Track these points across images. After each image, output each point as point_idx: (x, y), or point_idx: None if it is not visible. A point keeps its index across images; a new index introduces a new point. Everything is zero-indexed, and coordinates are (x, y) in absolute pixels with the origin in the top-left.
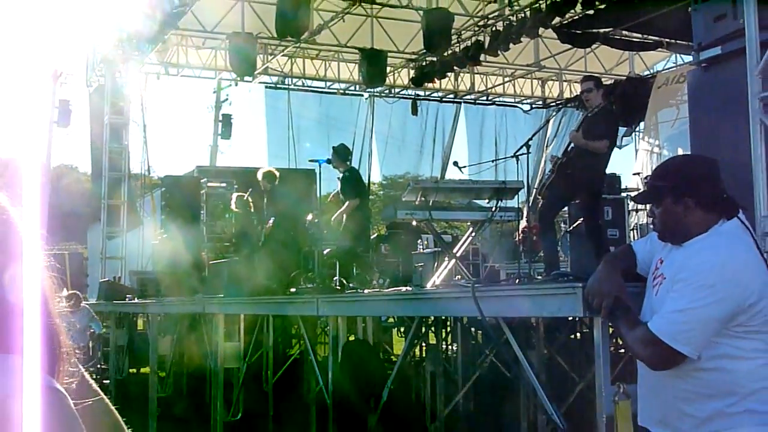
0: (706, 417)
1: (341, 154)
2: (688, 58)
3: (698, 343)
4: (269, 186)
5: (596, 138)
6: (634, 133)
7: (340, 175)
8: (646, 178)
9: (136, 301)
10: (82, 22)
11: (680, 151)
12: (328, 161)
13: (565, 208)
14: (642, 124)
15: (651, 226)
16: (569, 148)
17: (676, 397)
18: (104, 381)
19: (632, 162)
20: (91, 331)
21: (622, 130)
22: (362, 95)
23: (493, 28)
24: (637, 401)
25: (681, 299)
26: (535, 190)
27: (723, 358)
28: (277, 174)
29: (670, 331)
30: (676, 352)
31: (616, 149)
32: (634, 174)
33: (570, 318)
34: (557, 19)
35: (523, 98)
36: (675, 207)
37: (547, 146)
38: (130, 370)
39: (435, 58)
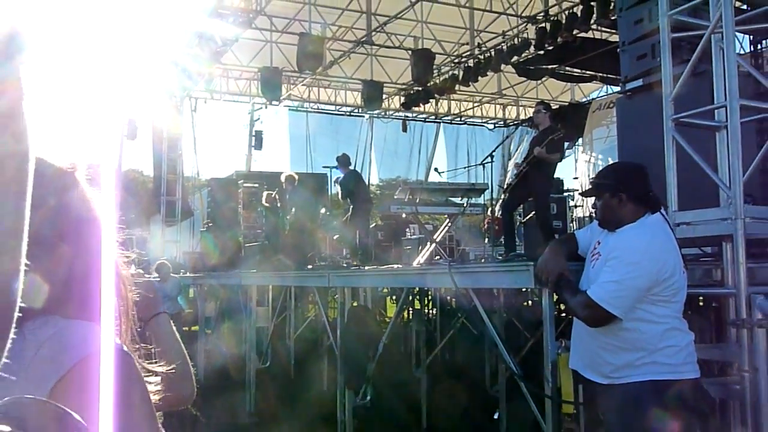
0: (621, 365)
1: (341, 161)
2: (617, 89)
3: (626, 306)
4: (290, 186)
5: (553, 152)
6: (574, 147)
7: (340, 176)
8: (591, 178)
9: (188, 274)
10: (146, 58)
11: (610, 161)
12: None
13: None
14: (580, 140)
15: (587, 220)
16: (529, 159)
17: (600, 348)
18: None
19: (573, 169)
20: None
21: (566, 144)
22: (364, 116)
23: (465, 65)
24: (570, 348)
25: (614, 273)
26: (500, 189)
27: (639, 321)
28: (296, 177)
29: (605, 298)
30: (610, 313)
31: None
32: (574, 178)
33: (524, 289)
34: (515, 58)
35: (488, 119)
36: (612, 200)
37: (510, 157)
38: (183, 329)
39: (420, 88)
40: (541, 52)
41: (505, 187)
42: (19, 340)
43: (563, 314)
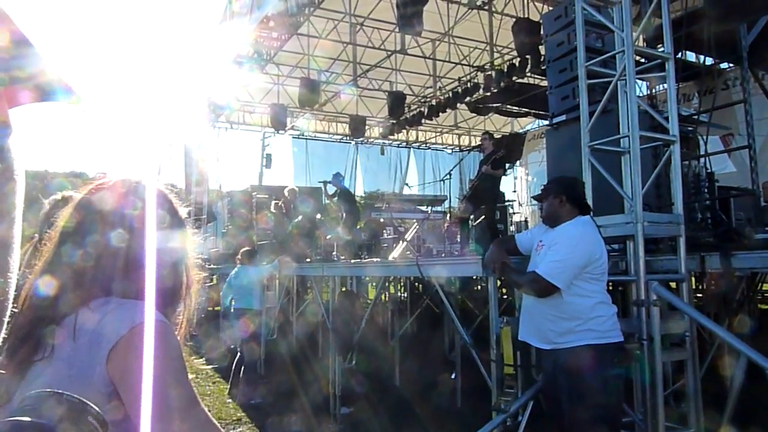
0: (562, 332)
1: (336, 177)
2: (546, 122)
3: (565, 280)
4: (292, 197)
5: (497, 168)
6: (514, 167)
7: (335, 190)
8: (542, 186)
9: (212, 266)
10: (181, 97)
11: (545, 178)
12: (329, 183)
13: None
14: (518, 162)
15: (522, 223)
16: (479, 175)
17: (545, 319)
18: None
19: (513, 185)
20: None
21: (507, 165)
22: (351, 143)
23: (430, 103)
24: (519, 324)
25: (557, 254)
26: (457, 199)
27: (575, 296)
28: (297, 190)
29: (551, 273)
30: (553, 285)
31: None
32: (513, 191)
33: (474, 277)
34: (468, 98)
35: (447, 145)
36: (554, 201)
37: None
38: (208, 308)
39: (395, 121)
40: (488, 93)
41: (462, 198)
42: (88, 312)
43: (505, 296)
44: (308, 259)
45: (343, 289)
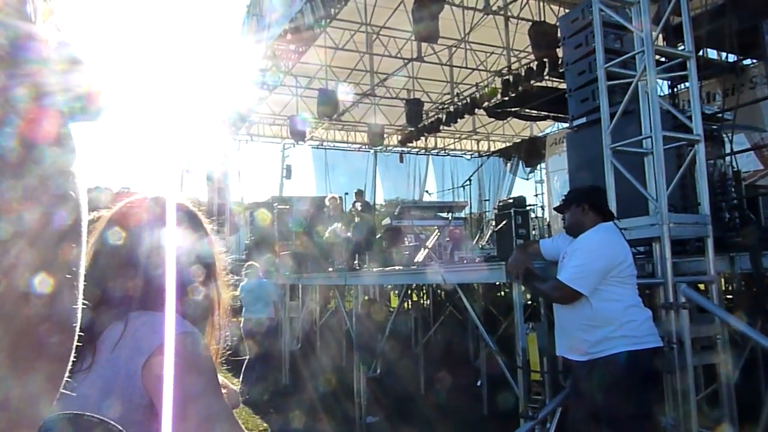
0: (596, 340)
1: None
2: (566, 125)
3: (588, 285)
4: (333, 205)
5: None
6: (534, 171)
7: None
8: (563, 195)
9: (236, 277)
10: (202, 111)
11: (567, 182)
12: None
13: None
14: (540, 165)
15: (546, 227)
16: None
17: (576, 329)
18: None
19: (533, 189)
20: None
21: (527, 169)
22: (370, 151)
23: (447, 110)
24: (555, 340)
25: (577, 259)
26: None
27: (604, 300)
28: (338, 198)
29: (571, 278)
30: (575, 290)
31: (522, 180)
32: (534, 195)
33: (498, 283)
34: (486, 103)
35: (465, 151)
36: (577, 209)
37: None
38: (232, 319)
39: (413, 128)
40: (506, 98)
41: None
42: (123, 326)
43: (530, 302)
44: (330, 269)
45: (366, 297)
